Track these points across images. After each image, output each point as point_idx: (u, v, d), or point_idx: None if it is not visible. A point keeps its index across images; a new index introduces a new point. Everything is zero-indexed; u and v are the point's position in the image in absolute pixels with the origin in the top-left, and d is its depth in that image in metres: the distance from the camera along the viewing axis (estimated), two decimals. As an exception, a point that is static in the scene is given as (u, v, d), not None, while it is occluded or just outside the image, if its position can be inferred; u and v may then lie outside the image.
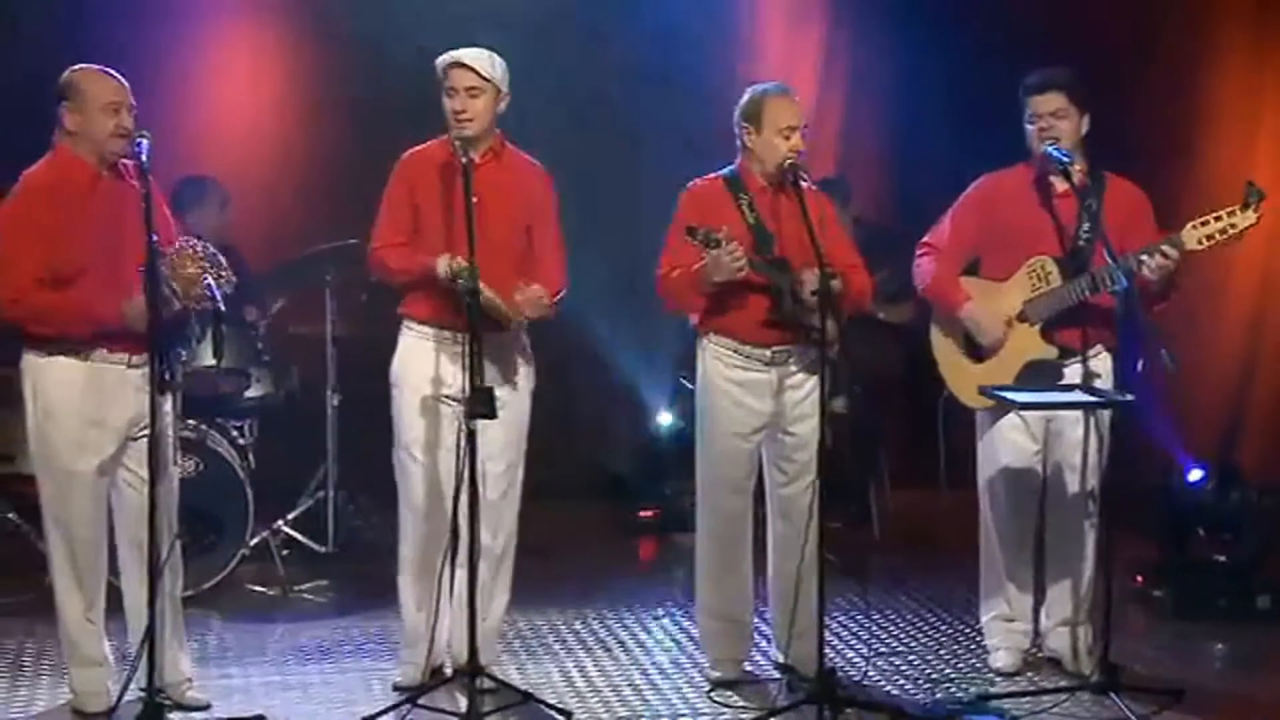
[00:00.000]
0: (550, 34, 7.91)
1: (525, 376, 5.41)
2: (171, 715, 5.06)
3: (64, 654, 5.25)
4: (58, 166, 5.03)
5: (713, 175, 5.45)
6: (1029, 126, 5.49)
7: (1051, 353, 5.48)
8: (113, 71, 5.05)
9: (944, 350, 5.63)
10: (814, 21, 8.68)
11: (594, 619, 6.36)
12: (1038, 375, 5.45)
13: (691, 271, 5.26)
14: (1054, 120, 5.43)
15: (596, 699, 5.44)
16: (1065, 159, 5.38)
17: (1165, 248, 5.25)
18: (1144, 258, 5.26)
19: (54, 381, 5.04)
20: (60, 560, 5.15)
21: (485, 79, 5.24)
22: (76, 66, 5.05)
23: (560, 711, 5.22)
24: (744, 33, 8.53)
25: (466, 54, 5.25)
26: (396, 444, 5.39)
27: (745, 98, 5.38)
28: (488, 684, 5.21)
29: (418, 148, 5.39)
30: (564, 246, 5.46)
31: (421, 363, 5.32)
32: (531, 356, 5.43)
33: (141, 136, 4.96)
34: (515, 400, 5.37)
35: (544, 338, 5.52)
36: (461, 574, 5.18)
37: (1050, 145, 5.40)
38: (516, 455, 5.42)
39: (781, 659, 5.61)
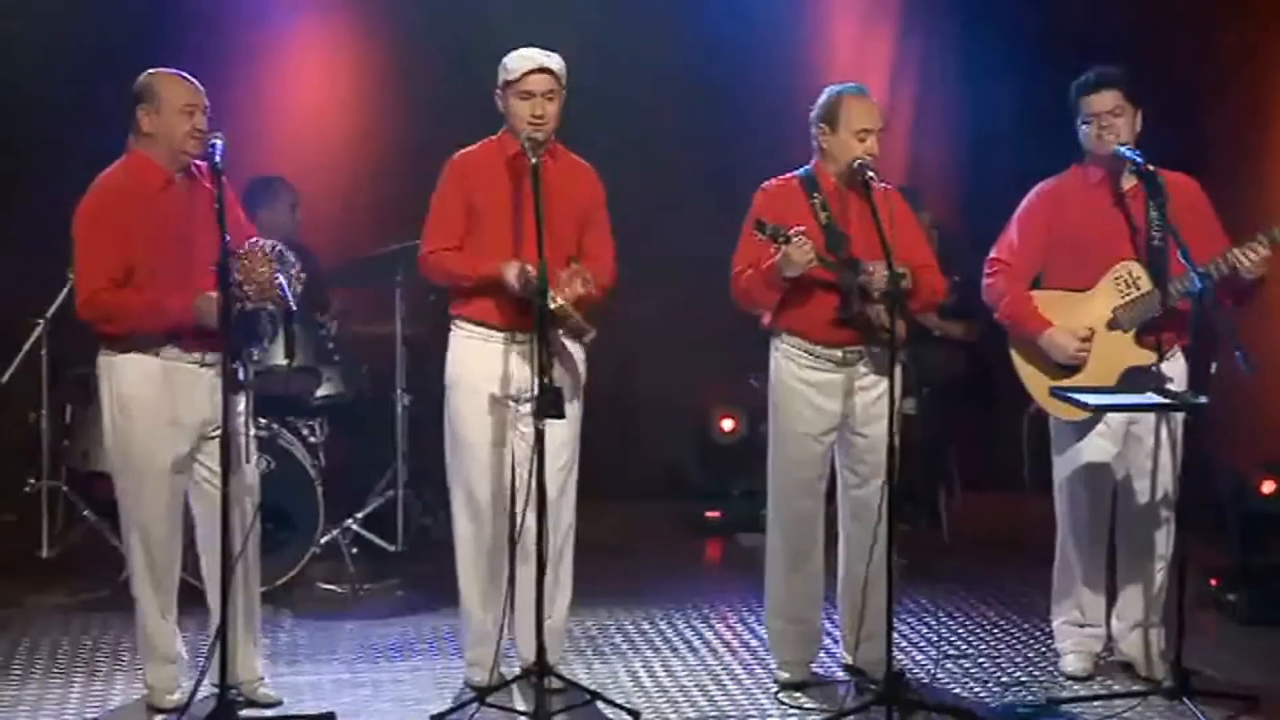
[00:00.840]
0: (615, 38, 7.92)
1: (577, 374, 5.42)
2: (243, 712, 5.09)
3: (139, 650, 5.31)
4: (130, 169, 5.09)
5: (788, 175, 5.44)
6: (1084, 127, 5.44)
7: (1149, 358, 5.40)
8: (187, 75, 5.10)
9: (1031, 363, 5.55)
10: (885, 27, 8.64)
11: (661, 619, 6.36)
12: (1138, 381, 5.38)
13: (762, 268, 5.26)
14: (1111, 119, 5.38)
15: (664, 699, 5.45)
16: (1138, 157, 5.32)
17: (1262, 240, 5.21)
18: (1243, 253, 5.21)
19: (129, 379, 5.10)
20: (136, 557, 5.21)
21: (561, 83, 5.27)
22: (152, 70, 5.11)
23: (628, 711, 5.22)
24: (814, 38, 8.50)
25: (546, 58, 5.26)
26: (453, 445, 5.39)
27: (822, 98, 5.37)
28: (555, 683, 5.22)
29: (467, 150, 5.40)
30: (613, 243, 5.46)
31: (478, 363, 5.33)
32: (581, 355, 5.43)
33: (215, 138, 5.01)
34: (573, 399, 5.38)
35: (612, 338, 5.52)
36: (525, 573, 5.20)
37: (1118, 145, 5.35)
38: (572, 453, 5.43)
39: (849, 661, 5.59)
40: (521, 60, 5.26)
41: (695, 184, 8.02)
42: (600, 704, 5.25)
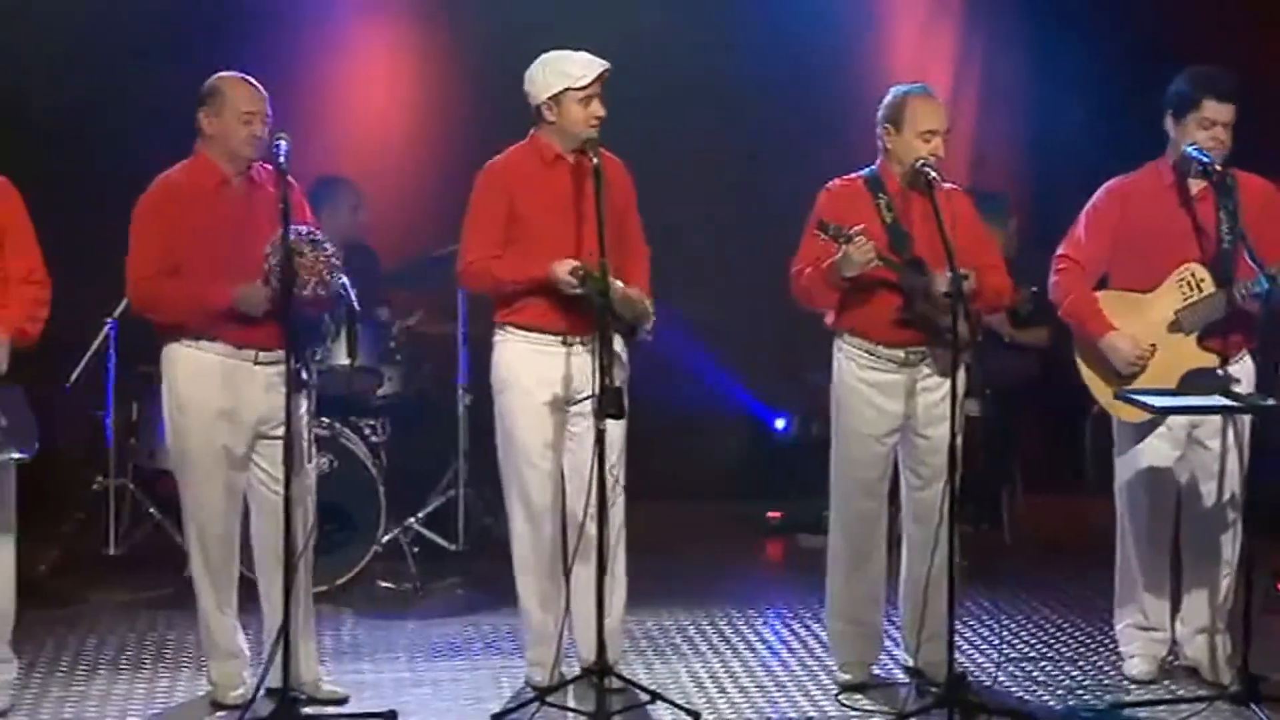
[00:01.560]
0: (678, 40, 7.92)
1: (622, 373, 5.41)
2: (306, 710, 5.12)
3: (202, 645, 5.36)
4: (191, 169, 5.17)
5: (853, 175, 5.42)
6: (1201, 133, 5.30)
7: (1211, 360, 5.35)
8: (252, 80, 5.15)
9: (1093, 366, 5.50)
10: (948, 24, 8.60)
11: (722, 619, 6.36)
12: (1199, 384, 5.33)
13: (823, 267, 5.25)
14: (1225, 130, 5.30)
15: (724, 700, 5.44)
16: (1206, 158, 5.27)
17: None
18: None
19: (184, 375, 5.16)
20: (195, 554, 5.26)
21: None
22: (221, 74, 5.16)
23: (688, 712, 5.22)
24: (877, 36, 8.47)
25: (597, 61, 5.27)
26: (506, 448, 5.40)
27: (888, 98, 5.34)
28: (616, 683, 5.23)
29: (501, 157, 5.41)
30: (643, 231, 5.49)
31: (530, 367, 5.33)
32: (626, 355, 5.42)
33: (280, 138, 5.05)
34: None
35: (673, 338, 5.52)
36: (583, 574, 5.21)
37: (1191, 147, 5.29)
38: (621, 452, 5.42)
39: (911, 663, 5.57)
40: (588, 65, 5.27)
41: (756, 183, 8.00)
42: (660, 704, 5.25)
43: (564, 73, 5.28)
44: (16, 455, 5.01)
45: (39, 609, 6.06)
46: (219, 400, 5.12)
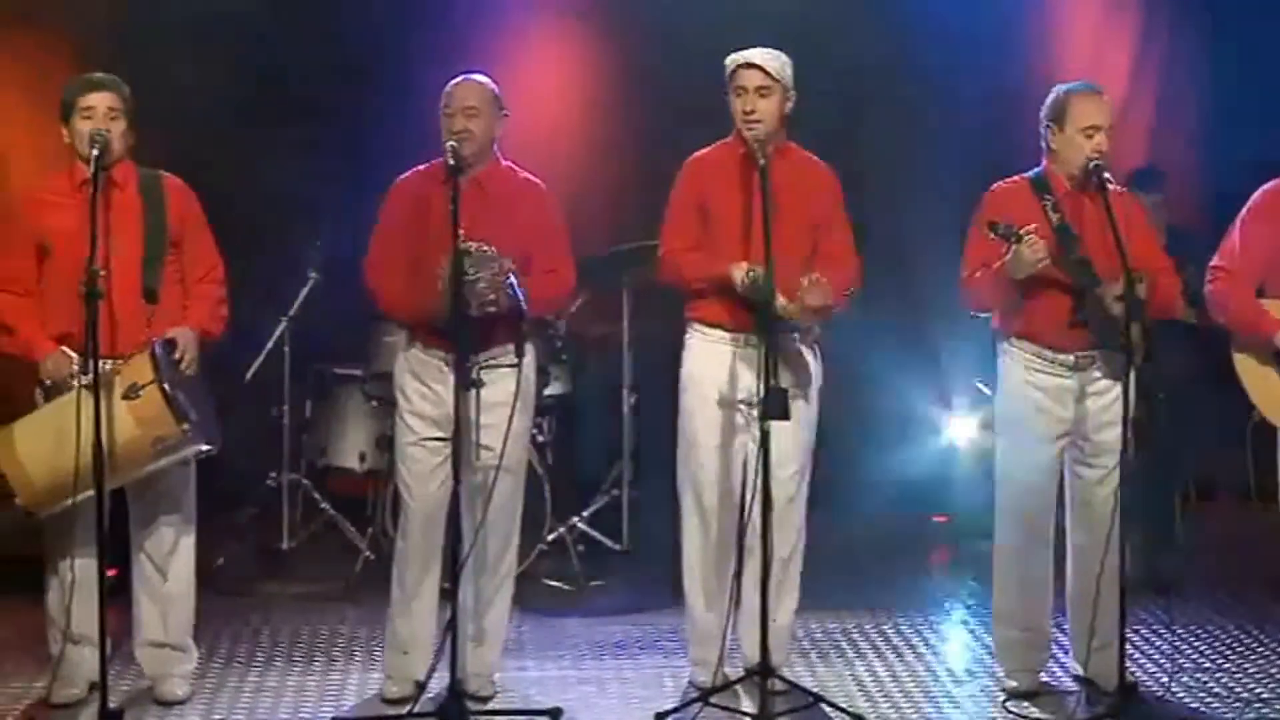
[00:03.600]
0: (845, 35, 7.87)
1: (815, 379, 5.39)
2: (473, 706, 5.18)
3: (386, 637, 5.45)
4: (426, 168, 5.31)
5: (1018, 176, 5.35)
6: None
7: None
8: (475, 77, 5.29)
9: (1255, 373, 5.37)
10: (1127, 16, 8.43)
11: (886, 623, 6.31)
12: None
13: (993, 269, 5.18)
14: None
15: (888, 704, 5.40)
16: None
17: None
18: None
19: (397, 370, 5.34)
20: (397, 546, 5.38)
21: (774, 79, 5.24)
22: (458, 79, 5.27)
23: (852, 716, 5.19)
24: (1052, 29, 8.34)
25: (755, 54, 5.26)
26: (683, 446, 5.42)
27: (1050, 97, 5.27)
28: (779, 685, 5.21)
29: (701, 152, 5.42)
30: (854, 242, 5.42)
31: (711, 366, 5.34)
32: (820, 358, 5.41)
33: (452, 140, 5.13)
34: (805, 404, 5.35)
35: (838, 340, 5.49)
36: (751, 576, 5.20)
37: None
38: (805, 458, 5.40)
39: (1080, 671, 5.47)
40: (732, 57, 5.28)
41: (927, 186, 7.92)
42: (824, 707, 5.22)
43: (726, 67, 5.29)
44: (204, 448, 5.15)
45: (215, 601, 6.20)
46: (420, 399, 5.24)
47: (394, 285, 5.24)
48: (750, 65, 5.24)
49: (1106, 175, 5.10)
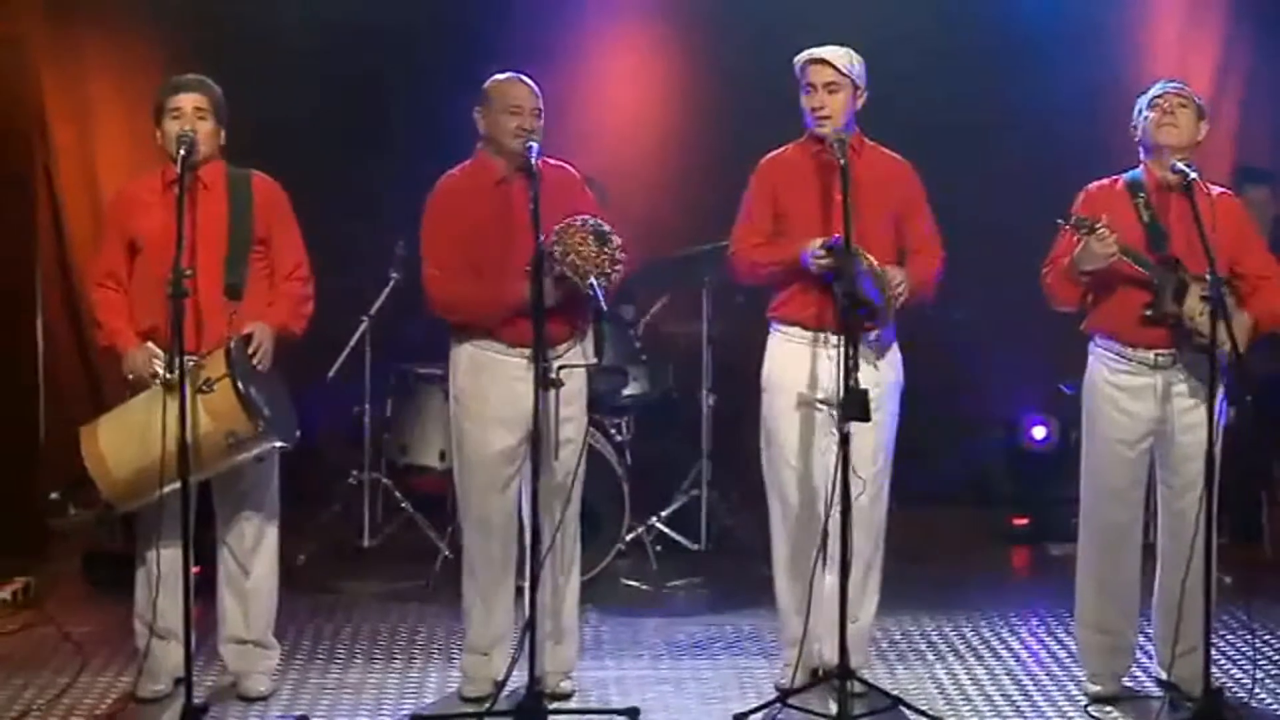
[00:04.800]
0: (929, 37, 7.83)
1: (895, 379, 5.37)
2: (551, 704, 5.21)
3: (464, 638, 5.47)
4: (470, 168, 5.31)
5: (1115, 177, 5.31)
6: None
7: None
8: (524, 78, 5.26)
9: None
10: (1211, 18, 8.33)
11: (966, 626, 6.27)
12: None
13: (1064, 263, 5.15)
14: None
15: (968, 707, 5.37)
16: None
17: None
18: None
19: (460, 371, 5.32)
20: (466, 546, 5.40)
21: (844, 74, 5.22)
22: (496, 75, 5.27)
23: (931, 718, 5.16)
24: (1137, 30, 8.26)
25: (824, 50, 5.24)
26: (767, 447, 5.42)
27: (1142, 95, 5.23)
28: (858, 687, 5.19)
29: (775, 152, 5.41)
30: (939, 234, 5.39)
31: (793, 365, 5.33)
32: (900, 358, 5.39)
33: (531, 139, 5.14)
34: (886, 404, 5.33)
35: (916, 340, 5.46)
36: (832, 577, 5.18)
37: None
38: (887, 458, 5.38)
39: (1164, 676, 5.40)
40: (802, 54, 5.26)
41: (1010, 186, 7.86)
42: (903, 710, 5.20)
43: (795, 64, 5.28)
44: (279, 445, 5.19)
45: (297, 598, 6.27)
46: (491, 396, 5.24)
47: (469, 289, 5.21)
48: (819, 61, 5.23)
49: (1193, 176, 5.05)
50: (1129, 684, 5.48)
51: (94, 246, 5.32)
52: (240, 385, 4.98)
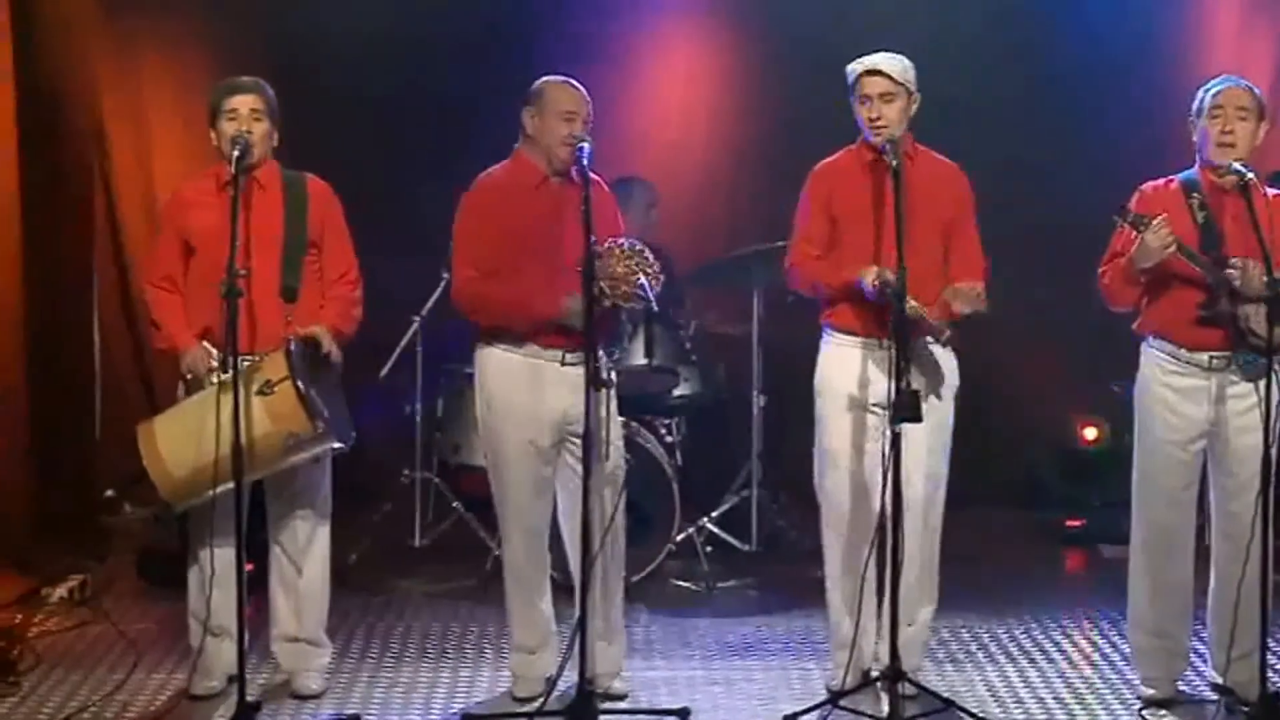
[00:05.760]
0: (984, 38, 7.79)
1: (949, 382, 5.34)
2: (602, 705, 5.20)
3: (510, 639, 5.49)
4: (511, 168, 5.30)
5: (1171, 177, 5.26)
6: None
7: None
8: (576, 83, 5.25)
9: None
10: (1267, 17, 8.25)
11: (1018, 628, 6.24)
12: None
13: (1122, 262, 5.12)
14: None
15: (1020, 710, 5.34)
16: None
17: None
18: None
19: (494, 372, 5.29)
20: (506, 548, 5.40)
21: (898, 83, 5.20)
22: (546, 76, 5.28)
23: (983, 722, 5.15)
24: (1195, 27, 8.19)
25: (878, 59, 5.21)
26: (819, 450, 5.40)
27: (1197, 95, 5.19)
28: (909, 689, 5.18)
29: (828, 159, 5.38)
30: (980, 246, 5.36)
31: (845, 370, 5.31)
32: (954, 361, 5.37)
33: (583, 142, 5.15)
34: (939, 406, 5.31)
35: (968, 341, 5.44)
36: (886, 579, 5.17)
37: None
38: (941, 461, 5.35)
39: (1219, 680, 5.36)
40: (855, 64, 5.24)
41: (1063, 186, 7.81)
42: (955, 712, 5.18)
43: (848, 74, 5.26)
44: (336, 446, 5.22)
45: (349, 596, 6.30)
46: (526, 398, 5.24)
47: (503, 291, 5.20)
48: (874, 72, 5.21)
49: (1249, 176, 5.00)
50: (1184, 688, 5.44)
51: (149, 247, 5.35)
52: (301, 387, 5.01)
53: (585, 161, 5.10)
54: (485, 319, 5.27)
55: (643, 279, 5.06)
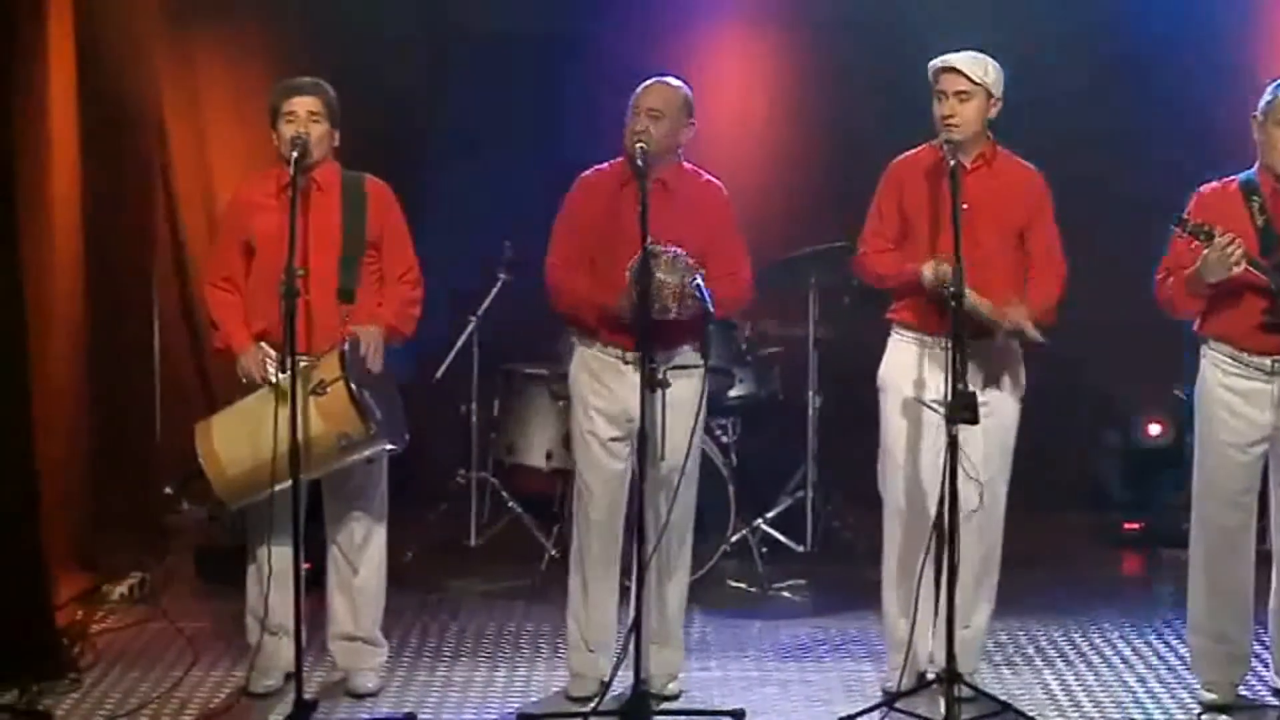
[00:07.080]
0: (1047, 35, 7.73)
1: (1013, 384, 5.31)
2: (656, 705, 5.22)
3: (568, 637, 5.50)
4: (607, 166, 5.37)
5: (1229, 178, 5.21)
6: None
7: None
8: (663, 79, 5.31)
9: None
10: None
11: (1076, 632, 6.20)
12: None
13: (1185, 275, 5.06)
14: None
15: (1078, 714, 5.31)
16: None
17: None
18: None
19: (576, 367, 5.39)
20: (574, 544, 5.42)
21: (976, 83, 5.17)
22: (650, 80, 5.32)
23: (1040, 724, 5.12)
24: (1255, 26, 8.10)
25: (957, 58, 5.20)
26: (882, 448, 5.39)
27: (1265, 95, 5.12)
28: (966, 692, 5.15)
29: (907, 153, 5.37)
30: (1061, 250, 5.33)
31: (907, 368, 5.30)
32: (1022, 362, 5.33)
33: (640, 141, 5.16)
34: (1003, 407, 5.28)
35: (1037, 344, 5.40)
36: (943, 581, 5.14)
37: None
38: (1002, 462, 5.32)
39: (1280, 685, 5.33)
40: (935, 61, 5.23)
41: (1127, 186, 7.74)
42: (1011, 715, 5.15)
43: (929, 70, 5.24)
44: (389, 447, 5.25)
45: (404, 596, 6.32)
46: (595, 395, 5.29)
47: (578, 284, 5.28)
48: (951, 70, 5.19)
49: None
50: (1244, 692, 5.39)
51: (208, 247, 5.39)
52: (353, 388, 5.03)
53: (640, 161, 5.11)
54: (560, 307, 5.38)
55: (699, 280, 5.06)
